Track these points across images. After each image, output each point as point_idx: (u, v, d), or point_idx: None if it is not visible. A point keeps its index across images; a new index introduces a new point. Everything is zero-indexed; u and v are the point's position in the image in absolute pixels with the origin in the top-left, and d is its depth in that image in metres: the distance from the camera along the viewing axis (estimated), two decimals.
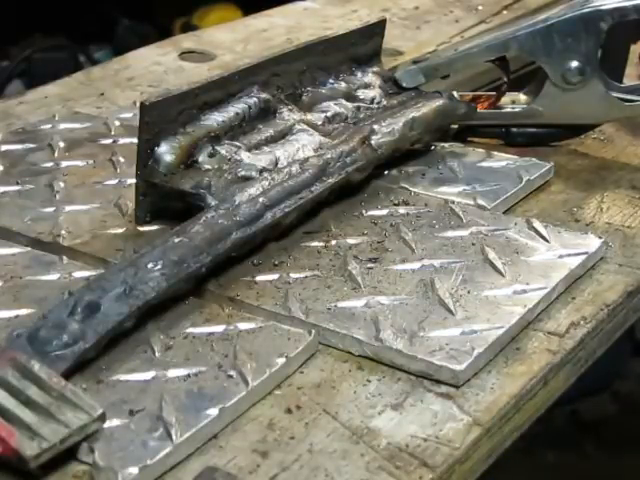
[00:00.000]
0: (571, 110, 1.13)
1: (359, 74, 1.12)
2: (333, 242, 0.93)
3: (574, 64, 1.10)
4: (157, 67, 1.40)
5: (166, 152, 0.93)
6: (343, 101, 1.07)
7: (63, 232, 0.94)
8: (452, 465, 0.70)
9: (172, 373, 0.75)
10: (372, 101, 1.09)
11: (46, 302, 0.82)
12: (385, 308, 0.83)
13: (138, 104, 0.92)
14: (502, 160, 1.09)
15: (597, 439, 2.18)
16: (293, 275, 0.87)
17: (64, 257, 0.90)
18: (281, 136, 1.00)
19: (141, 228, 0.94)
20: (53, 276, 0.87)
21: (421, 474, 0.69)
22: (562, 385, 0.82)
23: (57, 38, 2.63)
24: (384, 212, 0.98)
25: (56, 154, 1.10)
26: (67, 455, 0.68)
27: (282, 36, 1.51)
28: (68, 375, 0.72)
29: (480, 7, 1.60)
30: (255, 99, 1.00)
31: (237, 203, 0.89)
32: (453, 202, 0.99)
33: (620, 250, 0.95)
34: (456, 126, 1.16)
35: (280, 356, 0.77)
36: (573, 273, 0.89)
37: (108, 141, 1.13)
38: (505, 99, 1.16)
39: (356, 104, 1.07)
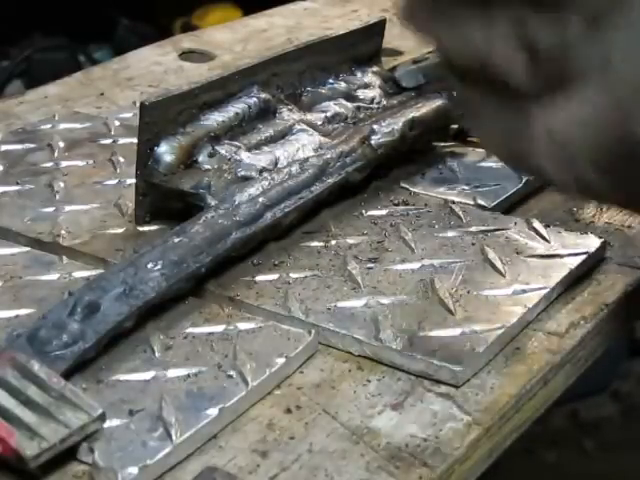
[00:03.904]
0: None
1: (359, 74, 1.12)
2: (333, 242, 0.92)
3: None
4: (157, 67, 1.40)
5: (166, 152, 0.92)
6: (343, 101, 1.07)
7: (63, 232, 0.94)
8: (452, 465, 0.70)
9: (172, 373, 0.75)
10: (372, 101, 1.09)
11: (46, 302, 0.82)
12: (385, 308, 0.83)
13: (138, 104, 0.92)
14: None
15: (597, 439, 2.18)
16: (293, 275, 0.87)
17: (64, 257, 0.90)
18: (281, 136, 1.00)
19: (141, 228, 0.94)
20: (53, 276, 0.87)
21: (421, 474, 0.69)
22: (562, 385, 0.82)
23: (57, 38, 2.63)
24: (384, 212, 0.98)
25: (56, 154, 1.09)
26: (67, 455, 0.68)
27: (282, 36, 1.51)
28: (68, 375, 0.72)
29: None
30: (255, 99, 1.00)
31: (237, 203, 0.89)
32: (453, 202, 0.99)
33: (620, 250, 0.95)
34: (456, 126, 1.15)
35: (280, 356, 0.77)
36: (573, 273, 0.89)
37: (108, 141, 1.13)
38: None
39: (356, 104, 1.07)
